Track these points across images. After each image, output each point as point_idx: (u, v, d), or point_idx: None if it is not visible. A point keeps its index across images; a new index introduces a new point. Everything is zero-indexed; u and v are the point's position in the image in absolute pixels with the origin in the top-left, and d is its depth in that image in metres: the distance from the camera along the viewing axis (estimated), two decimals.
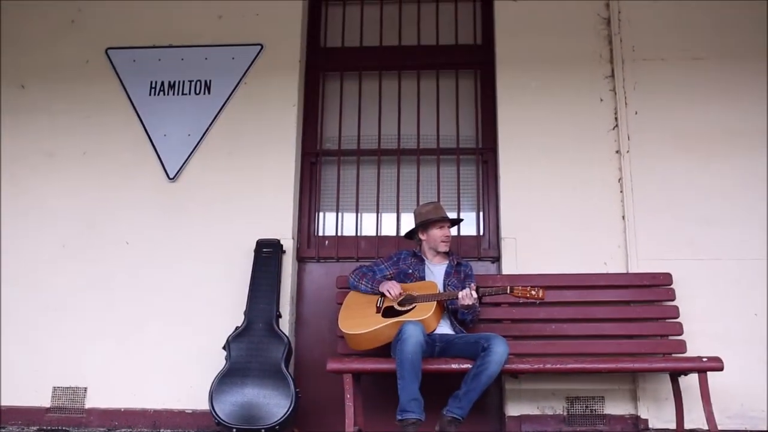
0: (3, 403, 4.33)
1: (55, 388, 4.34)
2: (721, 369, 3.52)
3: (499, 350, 3.42)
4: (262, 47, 4.76)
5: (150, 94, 4.77)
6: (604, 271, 4.24)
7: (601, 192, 4.38)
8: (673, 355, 3.90)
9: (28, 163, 4.70)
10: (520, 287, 3.56)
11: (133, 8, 4.91)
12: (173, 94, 4.76)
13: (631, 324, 4.05)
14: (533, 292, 3.51)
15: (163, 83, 4.78)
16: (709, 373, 3.56)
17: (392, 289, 3.73)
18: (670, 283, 4.07)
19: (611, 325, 4.04)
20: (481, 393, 3.41)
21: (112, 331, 4.40)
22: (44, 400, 4.33)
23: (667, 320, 4.00)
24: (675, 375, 3.79)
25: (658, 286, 4.08)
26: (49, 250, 4.57)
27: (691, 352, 3.87)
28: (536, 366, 3.60)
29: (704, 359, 3.55)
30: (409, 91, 4.86)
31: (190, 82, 4.77)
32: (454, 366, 3.55)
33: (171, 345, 4.34)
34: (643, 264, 4.21)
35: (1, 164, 4.72)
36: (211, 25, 4.84)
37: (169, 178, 4.59)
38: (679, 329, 3.95)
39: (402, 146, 4.75)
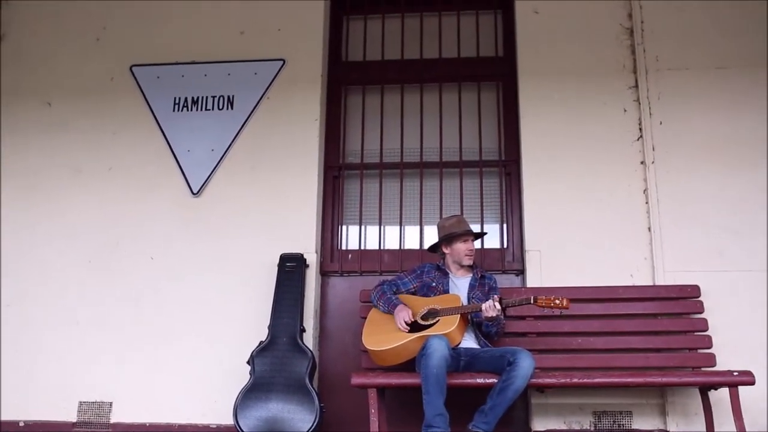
0: (30, 418, 4.36)
1: (81, 403, 4.37)
2: (752, 383, 3.45)
3: (525, 364, 3.38)
4: (284, 62, 4.79)
5: (174, 110, 4.81)
6: (631, 284, 4.18)
7: (626, 203, 4.34)
8: (703, 368, 3.84)
9: (55, 179, 4.75)
10: (543, 297, 3.52)
11: (156, 26, 4.97)
12: (197, 109, 4.80)
13: (659, 337, 4.00)
14: (557, 302, 3.48)
15: (186, 99, 4.82)
16: (739, 387, 3.48)
17: (401, 324, 3.66)
18: (698, 296, 4.01)
19: (638, 339, 4.00)
20: (507, 408, 3.37)
21: (137, 345, 4.42)
22: (70, 415, 4.36)
23: (695, 333, 3.94)
24: (705, 389, 3.73)
25: (686, 298, 4.02)
26: (75, 265, 4.61)
27: (720, 365, 3.81)
28: (562, 380, 3.56)
29: (735, 373, 3.48)
30: (431, 104, 4.85)
31: (214, 97, 4.80)
32: (480, 380, 3.51)
33: (196, 359, 4.35)
34: (669, 276, 4.16)
35: (30, 180, 4.78)
36: (234, 41, 4.88)
37: (193, 193, 4.62)
38: (708, 342, 3.89)
39: (424, 159, 4.75)
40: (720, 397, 3.69)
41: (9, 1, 5.12)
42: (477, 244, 4.12)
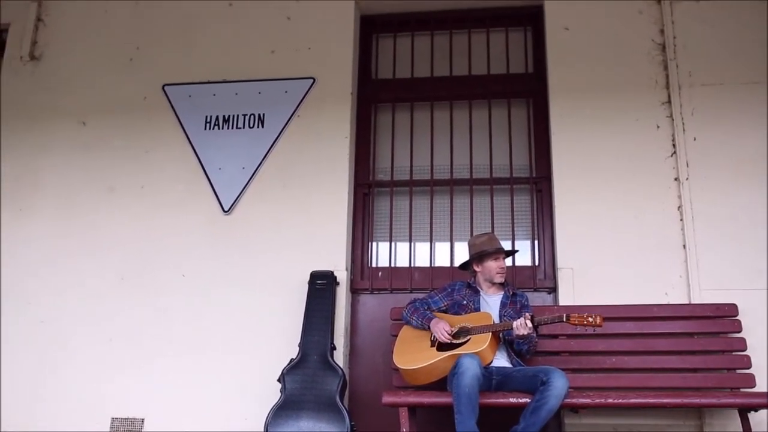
0: None
1: (113, 419, 4.38)
2: None
3: (559, 384, 3.34)
4: (314, 80, 4.81)
5: (205, 129, 4.85)
6: (666, 302, 4.11)
7: (660, 220, 4.27)
8: (742, 389, 3.75)
9: (90, 197, 4.81)
10: (576, 315, 3.48)
11: (188, 45, 5.03)
12: (228, 128, 4.83)
13: (696, 357, 3.92)
14: (590, 320, 3.45)
15: (217, 117, 4.86)
16: None
17: (442, 334, 3.65)
18: (736, 314, 3.92)
19: (674, 358, 3.92)
20: (540, 428, 3.32)
21: (168, 362, 4.44)
22: (103, 430, 4.37)
23: (733, 353, 3.86)
24: (744, 411, 3.62)
25: (723, 317, 3.93)
26: (108, 281, 4.65)
27: (760, 386, 3.73)
28: (597, 400, 3.48)
29: None
30: (461, 121, 4.85)
31: (244, 116, 4.84)
32: (513, 400, 3.46)
33: (227, 376, 4.35)
34: (706, 294, 4.08)
35: (65, 198, 4.84)
36: (264, 59, 4.91)
37: (224, 211, 4.64)
38: (746, 362, 3.80)
39: (455, 176, 4.73)
40: (760, 419, 3.61)
41: (45, 24, 5.22)
42: (508, 261, 4.09)
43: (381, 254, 4.72)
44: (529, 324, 3.52)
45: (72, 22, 5.21)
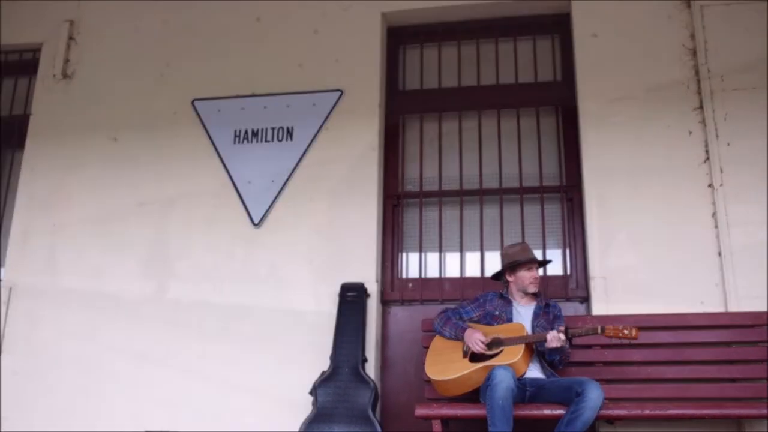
0: None
1: None
2: None
3: (594, 395, 3.29)
4: (342, 93, 4.82)
5: (234, 143, 4.88)
6: (702, 311, 4.04)
7: (694, 228, 4.20)
8: None
9: (121, 212, 4.86)
10: (611, 327, 3.45)
11: (217, 61, 5.07)
12: (257, 141, 4.86)
13: (734, 366, 3.84)
14: (626, 332, 3.40)
15: (246, 131, 4.89)
16: None
17: (476, 344, 3.62)
18: None
19: (712, 368, 3.84)
20: None
21: (200, 375, 4.46)
22: None
23: None
24: None
25: (762, 325, 3.85)
26: (140, 296, 4.68)
27: None
28: (634, 412, 3.43)
29: None
30: (489, 131, 4.82)
31: (273, 129, 4.86)
32: (547, 412, 3.42)
33: (258, 389, 4.35)
34: (743, 303, 3.99)
35: (97, 214, 4.89)
36: (292, 73, 4.94)
37: (254, 224, 4.66)
38: None
39: (484, 186, 4.71)
40: None
41: (77, 43, 5.31)
42: (540, 271, 4.05)
43: (411, 265, 4.70)
44: (563, 337, 3.49)
45: (103, 40, 5.28)
